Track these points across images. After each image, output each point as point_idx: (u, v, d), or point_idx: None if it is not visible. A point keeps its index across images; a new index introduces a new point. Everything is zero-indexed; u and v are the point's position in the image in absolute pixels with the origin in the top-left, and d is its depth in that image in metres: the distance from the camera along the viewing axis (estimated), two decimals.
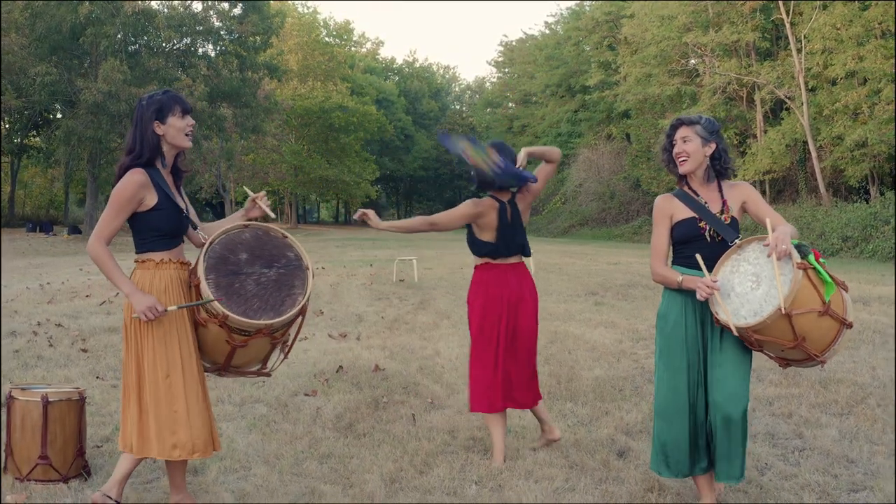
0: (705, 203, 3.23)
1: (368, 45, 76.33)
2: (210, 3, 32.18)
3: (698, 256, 3.09)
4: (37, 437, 3.35)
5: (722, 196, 3.25)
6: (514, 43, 61.36)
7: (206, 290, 2.90)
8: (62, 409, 3.39)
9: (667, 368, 3.20)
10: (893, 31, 23.50)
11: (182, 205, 3.10)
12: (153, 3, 30.21)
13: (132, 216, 3.01)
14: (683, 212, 3.24)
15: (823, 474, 3.63)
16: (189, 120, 3.11)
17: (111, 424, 4.31)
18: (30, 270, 17.15)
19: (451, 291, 11.47)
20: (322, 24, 62.99)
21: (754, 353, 3.15)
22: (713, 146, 3.24)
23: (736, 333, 2.96)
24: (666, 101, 35.18)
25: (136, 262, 3.06)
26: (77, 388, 3.54)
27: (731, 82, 30.26)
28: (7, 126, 27.95)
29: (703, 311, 3.17)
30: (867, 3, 24.67)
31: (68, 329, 8.01)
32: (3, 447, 3.53)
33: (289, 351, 3.24)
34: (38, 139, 37.67)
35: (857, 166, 24.61)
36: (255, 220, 3.23)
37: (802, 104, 26.41)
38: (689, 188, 3.29)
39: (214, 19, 32.35)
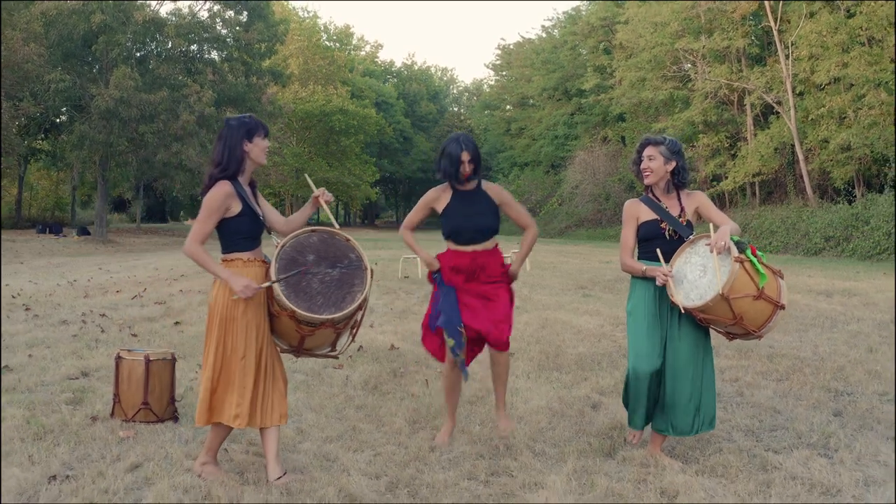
0: (666, 208, 3.98)
1: (367, 48, 77.17)
2: (216, 4, 33.06)
3: (658, 251, 3.86)
4: (140, 387, 4.33)
5: (680, 203, 4.00)
6: (511, 46, 62.10)
7: (278, 290, 3.36)
8: (160, 366, 4.38)
9: (634, 340, 3.97)
10: (890, 37, 24.20)
11: (259, 211, 3.58)
12: (162, 3, 31.06)
13: (219, 221, 3.46)
14: (648, 214, 3.99)
15: (751, 419, 4.62)
16: (268, 141, 3.60)
17: (181, 386, 5.29)
18: (52, 269, 18.05)
19: None
20: (322, 28, 63.95)
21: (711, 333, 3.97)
22: (674, 164, 3.97)
23: (683, 311, 3.73)
24: (659, 105, 36.06)
25: (223, 260, 3.51)
26: (171, 351, 4.53)
27: (722, 87, 31.23)
28: (15, 131, 28.81)
29: (662, 295, 3.93)
30: (853, 10, 25.59)
31: (112, 319, 8.96)
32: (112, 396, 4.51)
33: (355, 336, 3.72)
34: (45, 142, 38.61)
35: (842, 169, 25.49)
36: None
37: (790, 109, 27.38)
38: (653, 195, 4.05)
39: (220, 26, 33.32)
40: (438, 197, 4.33)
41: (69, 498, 3.23)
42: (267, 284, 3.43)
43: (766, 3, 28.41)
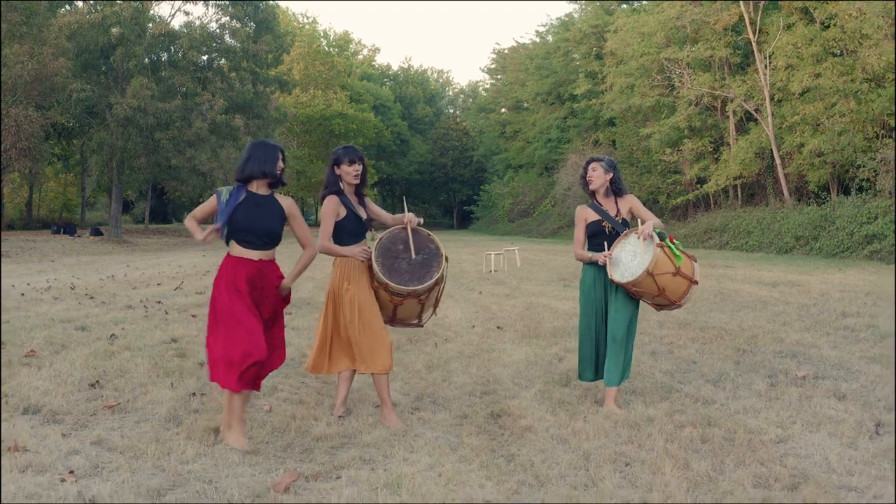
0: (606, 210, 5.62)
1: (365, 52, 78.82)
2: (224, 16, 34.81)
3: (605, 242, 5.51)
4: None
5: (617, 206, 5.51)
6: (506, 51, 63.78)
7: (376, 267, 4.41)
8: None
9: (583, 313, 5.47)
10: (861, 48, 25.80)
11: (364, 215, 4.69)
12: (176, 5, 32.74)
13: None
14: (593, 216, 5.47)
15: (672, 366, 6.38)
16: (356, 167, 4.63)
17: None
18: (84, 266, 19.64)
19: (453, 279, 14.21)
20: (322, 34, 65.65)
21: (643, 307, 5.63)
22: (611, 175, 5.51)
23: (617, 285, 5.42)
24: (647, 111, 37.83)
25: None
26: None
27: (705, 95, 32.99)
28: (44, 138, 30.55)
29: (605, 277, 5.47)
30: (827, 23, 27.33)
31: (167, 305, 10.67)
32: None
33: (436, 309, 4.77)
34: (57, 147, 40.27)
35: (817, 172, 27.14)
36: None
37: (768, 116, 29.15)
38: (597, 201, 5.61)
39: (227, 36, 35.12)
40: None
41: (210, 404, 4.98)
42: (372, 239, 4.61)
43: (745, 15, 30.20)
